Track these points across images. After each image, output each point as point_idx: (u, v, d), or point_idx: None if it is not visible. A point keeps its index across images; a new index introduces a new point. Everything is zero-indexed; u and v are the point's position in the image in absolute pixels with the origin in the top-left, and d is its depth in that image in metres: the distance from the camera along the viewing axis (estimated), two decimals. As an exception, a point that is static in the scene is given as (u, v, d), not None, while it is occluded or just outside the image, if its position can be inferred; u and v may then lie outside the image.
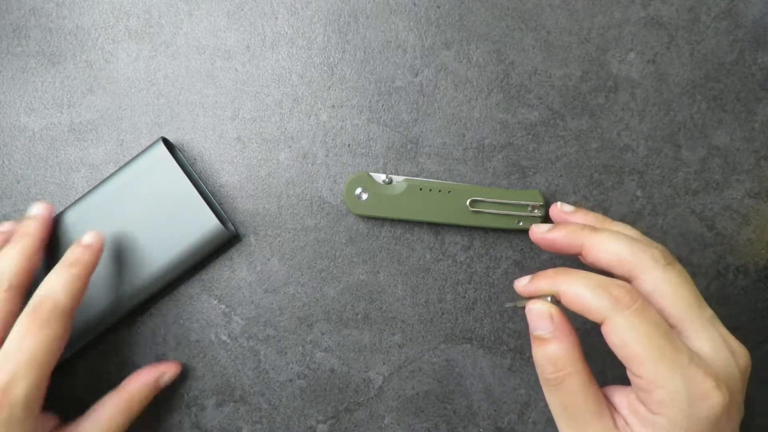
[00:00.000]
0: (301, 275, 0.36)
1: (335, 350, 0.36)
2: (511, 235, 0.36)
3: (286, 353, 0.36)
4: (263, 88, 0.36)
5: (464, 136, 0.36)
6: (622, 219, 0.35)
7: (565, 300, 0.26)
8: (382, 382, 0.36)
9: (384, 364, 0.36)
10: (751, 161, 0.35)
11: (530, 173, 0.36)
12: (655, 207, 0.35)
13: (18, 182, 0.37)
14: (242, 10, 0.36)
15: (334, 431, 0.36)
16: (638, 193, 0.35)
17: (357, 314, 0.36)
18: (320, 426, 0.36)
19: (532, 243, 0.36)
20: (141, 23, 0.36)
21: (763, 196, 0.35)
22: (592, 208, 0.36)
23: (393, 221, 0.36)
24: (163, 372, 0.34)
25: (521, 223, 0.35)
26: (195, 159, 0.36)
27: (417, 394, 0.36)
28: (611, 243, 0.27)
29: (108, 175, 0.35)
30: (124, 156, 0.36)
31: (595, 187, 0.36)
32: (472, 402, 0.36)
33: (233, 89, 0.36)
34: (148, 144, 0.35)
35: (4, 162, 0.37)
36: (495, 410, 0.36)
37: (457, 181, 0.36)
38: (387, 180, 0.35)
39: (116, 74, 0.36)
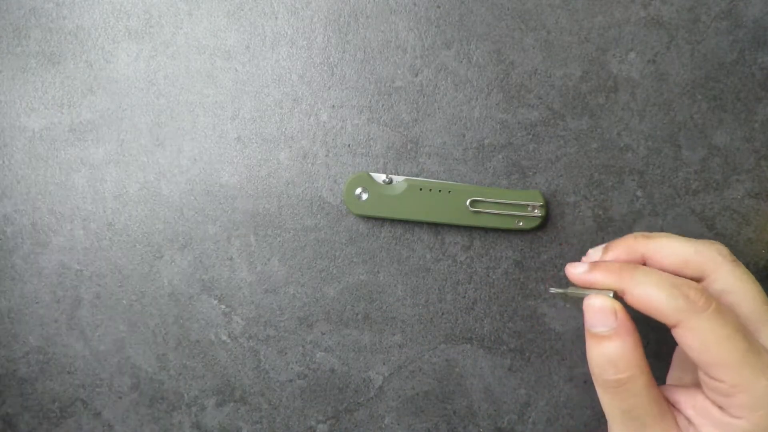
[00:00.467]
0: (301, 275, 0.36)
1: (335, 350, 0.36)
2: (511, 235, 0.36)
3: (286, 353, 0.36)
4: (263, 88, 0.36)
5: (464, 136, 0.36)
6: (622, 219, 0.35)
7: (633, 299, 0.25)
8: (382, 382, 0.36)
9: (384, 364, 0.36)
10: (751, 161, 0.35)
11: (530, 173, 0.36)
12: (655, 207, 0.35)
13: (18, 182, 0.37)
14: (242, 10, 0.36)
15: (334, 431, 0.36)
16: (638, 193, 0.35)
17: (357, 314, 0.36)
18: (320, 426, 0.36)
19: (532, 243, 0.36)
20: (141, 23, 0.36)
21: (763, 196, 0.35)
22: (592, 208, 0.36)
23: (393, 221, 0.36)
24: None
25: (521, 223, 0.35)
26: (195, 159, 0.36)
27: (417, 394, 0.36)
28: (674, 245, 0.26)
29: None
30: (124, 156, 0.37)
31: (595, 187, 0.36)
32: (472, 402, 0.36)
33: (233, 89, 0.36)
34: (149, 144, 0.35)
35: (4, 162, 0.37)
36: (495, 410, 0.36)
37: (457, 181, 0.36)
38: (387, 180, 0.35)
39: (116, 74, 0.36)
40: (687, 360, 0.30)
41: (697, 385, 0.26)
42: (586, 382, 0.35)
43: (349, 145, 0.36)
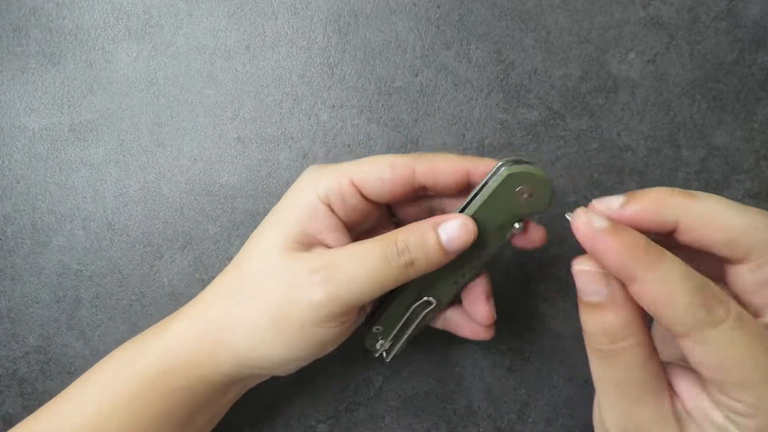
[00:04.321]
0: (301, 275, 0.36)
1: (335, 350, 0.36)
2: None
3: (286, 353, 0.36)
4: (263, 88, 0.36)
5: (464, 136, 0.36)
6: (622, 219, 0.35)
7: (642, 292, 0.20)
8: (382, 382, 0.36)
9: (384, 363, 0.36)
10: (751, 161, 0.35)
11: (530, 173, 0.36)
12: (655, 207, 0.35)
13: (18, 182, 0.37)
14: (242, 10, 0.36)
15: (334, 431, 0.36)
16: (638, 193, 0.35)
17: (357, 314, 0.36)
18: (320, 426, 0.36)
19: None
20: (141, 23, 0.36)
21: (763, 196, 0.35)
22: (592, 208, 0.36)
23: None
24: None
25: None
26: (195, 159, 0.36)
27: (417, 393, 0.36)
28: (723, 214, 0.21)
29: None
30: (124, 156, 0.36)
31: (595, 187, 0.36)
32: (472, 402, 0.36)
33: (233, 89, 0.36)
34: (149, 144, 0.35)
35: (4, 162, 0.37)
36: (495, 410, 0.36)
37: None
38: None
39: (116, 74, 0.36)
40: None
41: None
42: (586, 382, 0.35)
43: (349, 145, 0.36)
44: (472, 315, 0.29)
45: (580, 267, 0.22)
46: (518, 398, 0.36)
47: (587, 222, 0.21)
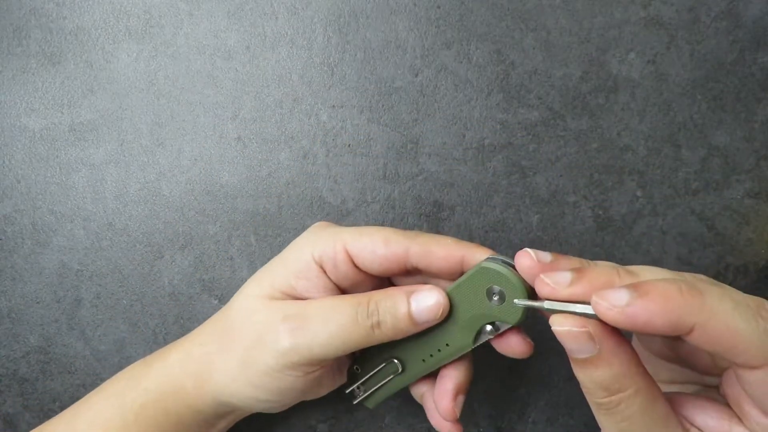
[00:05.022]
0: (302, 275, 0.36)
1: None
2: (511, 235, 0.36)
3: (286, 353, 0.36)
4: (263, 88, 0.36)
5: (464, 136, 0.36)
6: (622, 219, 0.35)
7: (706, 336, 0.18)
8: (382, 382, 0.36)
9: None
10: (751, 161, 0.35)
11: (530, 173, 0.36)
12: (655, 207, 0.35)
13: (18, 182, 0.37)
14: (242, 10, 0.36)
15: (334, 431, 0.36)
16: (638, 193, 0.36)
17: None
18: (320, 426, 0.36)
19: (532, 244, 0.36)
20: (141, 23, 0.36)
21: (763, 196, 0.35)
22: (592, 208, 0.36)
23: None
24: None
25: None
26: (195, 159, 0.36)
27: (417, 393, 0.36)
28: (730, 312, 0.18)
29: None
30: (124, 156, 0.37)
31: (595, 187, 0.36)
32: (472, 402, 0.36)
33: (233, 89, 0.36)
34: (149, 144, 0.35)
35: (4, 162, 0.37)
36: (495, 410, 0.36)
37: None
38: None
39: (116, 74, 0.37)
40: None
41: (709, 395, 0.23)
42: (586, 382, 0.35)
43: (349, 145, 0.36)
44: (437, 405, 0.28)
45: (561, 328, 0.20)
46: (518, 398, 0.36)
47: (609, 307, 0.19)
